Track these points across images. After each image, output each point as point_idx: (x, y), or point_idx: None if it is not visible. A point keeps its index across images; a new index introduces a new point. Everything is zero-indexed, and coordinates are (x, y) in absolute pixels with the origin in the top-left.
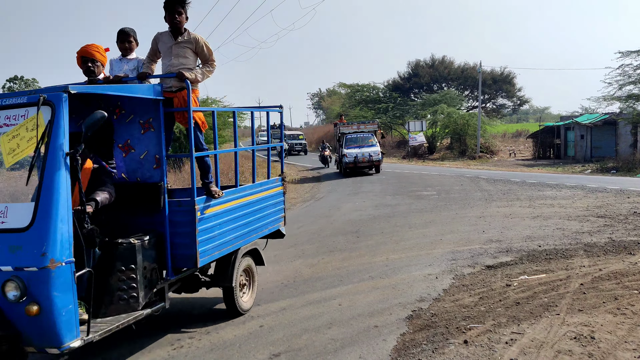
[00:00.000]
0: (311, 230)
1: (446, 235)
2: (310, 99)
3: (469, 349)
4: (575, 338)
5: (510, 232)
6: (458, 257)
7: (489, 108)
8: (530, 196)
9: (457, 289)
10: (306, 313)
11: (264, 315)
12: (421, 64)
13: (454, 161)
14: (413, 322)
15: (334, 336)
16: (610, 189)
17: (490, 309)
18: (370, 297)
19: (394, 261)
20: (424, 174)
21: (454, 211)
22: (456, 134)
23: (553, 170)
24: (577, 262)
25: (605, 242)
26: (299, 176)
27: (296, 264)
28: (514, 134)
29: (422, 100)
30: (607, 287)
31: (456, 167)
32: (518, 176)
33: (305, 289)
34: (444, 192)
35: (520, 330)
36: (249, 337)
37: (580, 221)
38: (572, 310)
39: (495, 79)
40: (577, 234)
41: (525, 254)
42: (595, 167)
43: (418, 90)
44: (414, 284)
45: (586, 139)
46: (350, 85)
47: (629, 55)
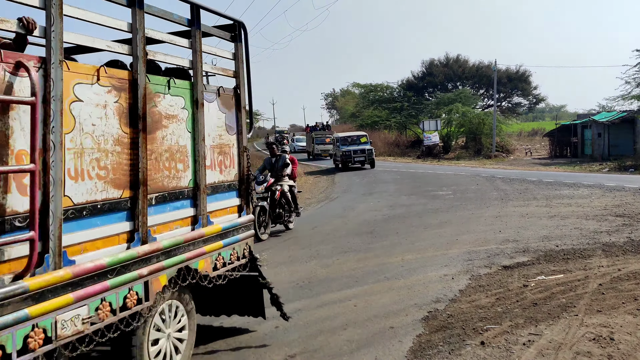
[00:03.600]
0: (325, 231)
1: (462, 235)
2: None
3: (486, 350)
4: (594, 339)
5: (527, 231)
6: (474, 257)
7: (505, 107)
8: (547, 195)
9: (473, 289)
10: (321, 314)
11: (279, 317)
12: (435, 63)
13: (469, 160)
14: (429, 323)
15: (349, 337)
16: (629, 188)
17: (507, 310)
18: (386, 298)
19: (410, 262)
20: (439, 173)
21: (469, 211)
22: (471, 133)
23: (570, 168)
24: (595, 262)
25: (624, 241)
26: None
27: (311, 264)
28: (530, 133)
29: (436, 100)
30: (626, 288)
31: (471, 166)
32: (534, 175)
33: (320, 290)
34: (460, 192)
35: (538, 331)
36: (265, 338)
37: (598, 220)
38: (591, 311)
39: (511, 77)
40: (595, 234)
41: (543, 254)
42: (613, 165)
43: (432, 89)
44: (430, 285)
45: (603, 137)
46: (364, 85)
47: None
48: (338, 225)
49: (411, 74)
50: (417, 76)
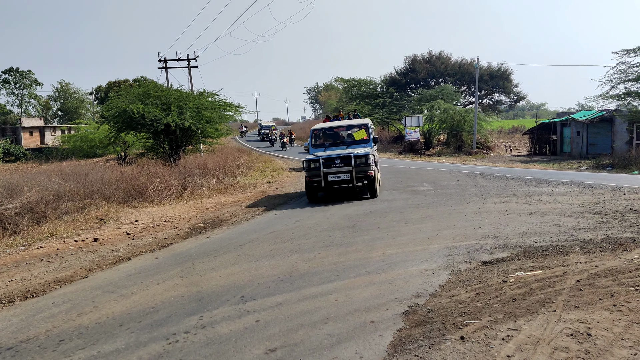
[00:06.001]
0: (307, 225)
1: (442, 230)
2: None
3: (466, 345)
4: (572, 335)
5: (507, 228)
6: (454, 252)
7: (486, 104)
8: (527, 192)
9: (453, 284)
10: (302, 308)
11: (260, 310)
12: (418, 59)
13: (450, 157)
14: (409, 317)
15: (330, 331)
16: (606, 186)
17: (486, 305)
18: (367, 293)
19: (391, 256)
20: (421, 169)
21: (450, 207)
22: (453, 130)
23: (549, 166)
24: (573, 259)
25: (602, 238)
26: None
27: (292, 258)
28: (510, 130)
29: (418, 96)
30: (603, 284)
31: (452, 162)
32: (514, 172)
33: (301, 284)
34: (441, 188)
35: (517, 326)
36: (245, 331)
37: (576, 217)
38: (569, 307)
39: (492, 74)
40: (573, 231)
41: (522, 250)
42: (591, 163)
43: (415, 85)
44: (411, 280)
45: (582, 135)
46: (347, 80)
47: (627, 53)
48: (320, 219)
49: (394, 69)
50: (400, 72)
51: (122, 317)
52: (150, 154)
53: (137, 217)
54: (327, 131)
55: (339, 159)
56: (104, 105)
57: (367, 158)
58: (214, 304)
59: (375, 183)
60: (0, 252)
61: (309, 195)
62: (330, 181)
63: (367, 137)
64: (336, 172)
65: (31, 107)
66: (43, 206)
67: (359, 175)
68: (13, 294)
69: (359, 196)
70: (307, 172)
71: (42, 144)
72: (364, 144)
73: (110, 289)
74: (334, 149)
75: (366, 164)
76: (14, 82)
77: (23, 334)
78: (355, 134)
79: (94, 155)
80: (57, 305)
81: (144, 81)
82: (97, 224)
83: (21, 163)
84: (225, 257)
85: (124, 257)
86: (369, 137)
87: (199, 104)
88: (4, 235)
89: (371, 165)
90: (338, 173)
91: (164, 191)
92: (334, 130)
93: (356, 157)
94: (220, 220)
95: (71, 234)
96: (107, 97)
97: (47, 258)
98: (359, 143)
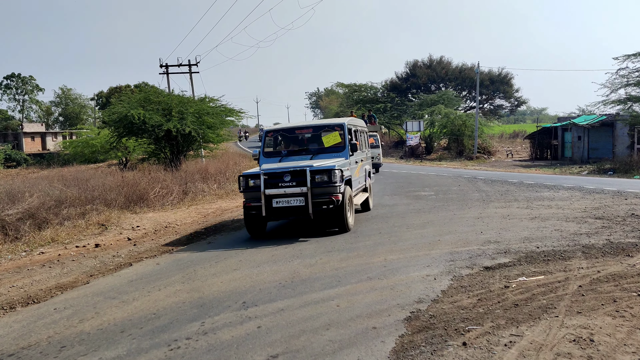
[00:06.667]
0: (308, 230)
1: (444, 236)
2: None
3: (468, 351)
4: (575, 341)
5: (508, 233)
6: (456, 258)
7: (487, 109)
8: (528, 197)
9: (455, 290)
10: (304, 314)
11: (262, 316)
12: (419, 65)
13: (451, 161)
14: (411, 323)
15: (332, 337)
16: (608, 191)
17: (488, 311)
18: (369, 298)
19: (392, 262)
20: (422, 174)
21: (451, 212)
22: (453, 135)
23: (550, 171)
24: (575, 264)
25: (604, 243)
26: None
27: (294, 264)
28: (511, 135)
29: (419, 101)
30: (605, 289)
31: (453, 167)
32: (515, 177)
33: (303, 290)
34: (442, 193)
35: (519, 332)
36: (247, 337)
37: (578, 222)
38: (571, 313)
39: (493, 79)
40: (575, 236)
41: (524, 255)
42: (593, 168)
43: (416, 90)
44: (412, 285)
45: (583, 140)
46: (348, 85)
47: (628, 58)
48: None
49: (395, 74)
50: (400, 77)
51: (124, 323)
52: (151, 159)
53: (138, 222)
54: (287, 134)
55: (290, 174)
56: (105, 111)
57: (331, 174)
58: (216, 310)
59: (345, 211)
60: (2, 258)
61: (249, 228)
62: (276, 208)
63: (342, 142)
64: (284, 194)
65: (33, 112)
66: (44, 212)
67: (317, 199)
68: (14, 300)
69: (327, 229)
70: (244, 193)
71: (44, 150)
72: (336, 152)
73: (112, 295)
74: (290, 160)
75: (329, 184)
76: (16, 88)
77: (24, 341)
78: (325, 139)
79: (95, 160)
80: (59, 312)
81: (145, 87)
82: (98, 229)
83: (23, 168)
84: (226, 262)
85: (126, 262)
86: (344, 143)
87: (200, 110)
88: (5, 241)
89: (338, 186)
90: (287, 196)
91: (165, 196)
92: (295, 133)
93: (314, 173)
94: (221, 226)
95: (72, 240)
96: (108, 103)
97: (49, 264)
98: (330, 151)
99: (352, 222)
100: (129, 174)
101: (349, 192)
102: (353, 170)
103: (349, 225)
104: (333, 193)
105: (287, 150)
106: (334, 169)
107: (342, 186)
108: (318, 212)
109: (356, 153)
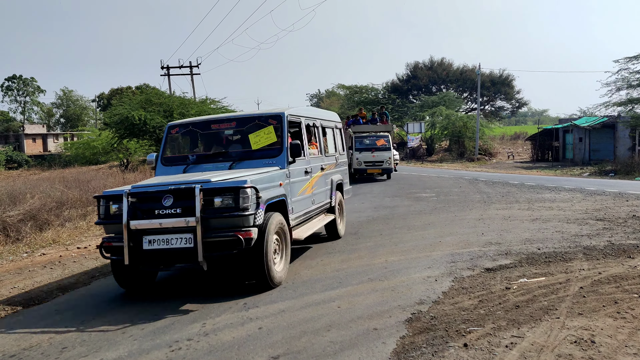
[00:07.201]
0: None
1: (445, 237)
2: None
3: (469, 353)
4: (576, 342)
5: (510, 234)
6: (457, 259)
7: (488, 110)
8: (529, 199)
9: (456, 291)
10: (305, 315)
11: (263, 317)
12: (420, 66)
13: (453, 163)
14: (412, 325)
15: (333, 339)
16: (609, 192)
17: (489, 312)
18: (370, 300)
19: (393, 263)
20: (423, 175)
21: (453, 213)
22: (455, 136)
23: (551, 172)
24: (576, 265)
25: (605, 245)
26: None
27: (295, 265)
28: (512, 137)
29: (420, 102)
30: (606, 291)
31: (455, 169)
32: (517, 178)
33: (304, 291)
34: (443, 194)
35: (520, 333)
36: (248, 339)
37: (579, 224)
38: (572, 314)
39: (494, 81)
40: (576, 237)
41: (525, 256)
42: (594, 169)
43: (417, 92)
44: (413, 287)
45: (584, 141)
46: (349, 86)
47: (630, 60)
48: None
49: (396, 76)
50: (402, 79)
51: (125, 325)
52: None
53: None
54: (200, 130)
55: (171, 195)
56: (106, 112)
57: (238, 196)
58: (217, 311)
59: (266, 256)
60: (3, 259)
61: (118, 278)
62: (148, 252)
63: (279, 143)
64: (160, 228)
65: (34, 114)
66: (46, 213)
67: (213, 237)
68: (16, 301)
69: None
70: (103, 225)
71: (45, 151)
72: (269, 157)
73: (113, 296)
74: (199, 170)
75: (235, 212)
76: (17, 90)
77: (26, 342)
78: (252, 138)
79: (97, 162)
80: (60, 313)
81: (146, 88)
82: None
83: (24, 170)
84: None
85: None
86: (281, 145)
87: (201, 111)
88: (6, 242)
89: (248, 215)
90: (165, 232)
91: None
92: (212, 128)
93: (210, 193)
94: None
95: (74, 241)
96: (109, 104)
97: (50, 265)
98: (260, 156)
99: (283, 273)
100: (130, 175)
101: (278, 223)
102: (296, 185)
103: (274, 278)
104: (240, 227)
105: (196, 155)
106: (243, 187)
107: (258, 215)
108: (215, 258)
109: (302, 159)
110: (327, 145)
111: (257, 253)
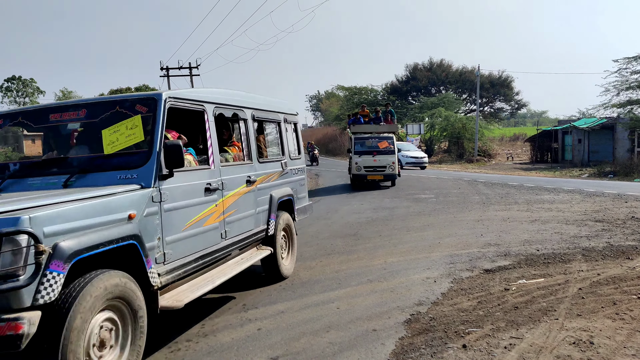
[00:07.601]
0: (309, 233)
1: (444, 238)
2: (308, 101)
3: (468, 354)
4: (574, 343)
5: (509, 235)
6: (456, 260)
7: (487, 111)
8: (528, 200)
9: (455, 292)
10: (304, 316)
11: (262, 318)
12: (419, 67)
13: (452, 164)
14: (412, 326)
15: (332, 340)
16: (608, 194)
17: (488, 313)
18: (369, 301)
19: (393, 264)
20: (422, 176)
21: (452, 214)
22: (454, 138)
23: (551, 174)
24: (575, 267)
25: (604, 246)
26: None
27: (294, 266)
28: (512, 138)
29: (420, 104)
30: (605, 292)
31: (454, 170)
32: (516, 180)
33: (303, 292)
34: (442, 195)
35: (519, 334)
36: (247, 340)
37: (578, 225)
38: (571, 315)
39: (493, 82)
40: (575, 238)
41: (524, 258)
42: (593, 171)
43: (416, 93)
44: (413, 288)
45: (584, 143)
46: (349, 87)
47: (629, 62)
48: (321, 227)
49: (395, 77)
50: (401, 80)
51: None
52: None
53: None
54: (33, 123)
55: None
56: None
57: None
58: (216, 312)
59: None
60: None
61: None
62: None
63: (149, 145)
64: None
65: None
66: None
67: None
68: None
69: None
70: None
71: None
72: (131, 168)
73: None
74: (16, 190)
75: None
76: (17, 90)
77: None
78: (107, 136)
79: None
80: None
81: (146, 89)
82: None
83: None
84: None
85: None
86: (150, 146)
87: None
88: None
89: (20, 287)
90: None
91: None
92: (51, 120)
93: None
94: None
95: None
96: None
97: None
98: (117, 166)
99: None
100: None
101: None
102: (180, 213)
103: None
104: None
105: (19, 163)
106: (8, 232)
107: (47, 284)
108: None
109: (198, 169)
110: (264, 147)
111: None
